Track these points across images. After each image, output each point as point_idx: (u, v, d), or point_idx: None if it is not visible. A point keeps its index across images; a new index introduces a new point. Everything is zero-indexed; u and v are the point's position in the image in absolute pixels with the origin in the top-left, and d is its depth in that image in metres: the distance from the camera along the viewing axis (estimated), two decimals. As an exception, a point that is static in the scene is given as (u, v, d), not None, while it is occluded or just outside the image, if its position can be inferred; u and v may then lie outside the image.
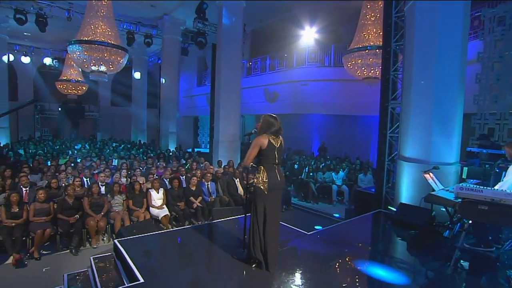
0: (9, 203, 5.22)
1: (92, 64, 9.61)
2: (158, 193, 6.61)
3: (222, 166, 9.06)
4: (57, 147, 12.86)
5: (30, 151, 11.18)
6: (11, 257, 4.90)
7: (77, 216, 5.57)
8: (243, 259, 3.51)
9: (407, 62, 5.55)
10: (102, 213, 5.76)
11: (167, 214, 6.35)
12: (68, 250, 5.39)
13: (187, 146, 16.60)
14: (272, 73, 13.76)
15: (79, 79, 16.36)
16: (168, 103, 14.31)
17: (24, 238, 5.16)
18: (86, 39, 9.29)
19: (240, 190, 7.79)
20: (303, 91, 12.56)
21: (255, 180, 3.39)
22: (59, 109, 18.19)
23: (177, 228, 5.78)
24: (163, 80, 14.22)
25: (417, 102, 5.36)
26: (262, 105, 14.26)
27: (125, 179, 7.56)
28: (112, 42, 9.69)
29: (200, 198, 7.03)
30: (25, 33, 15.07)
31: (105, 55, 9.54)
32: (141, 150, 13.30)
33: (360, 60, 9.29)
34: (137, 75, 17.51)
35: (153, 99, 18.69)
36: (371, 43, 8.91)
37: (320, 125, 14.56)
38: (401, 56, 5.97)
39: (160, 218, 6.26)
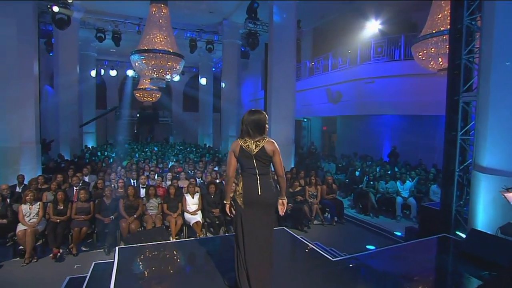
0: (56, 201, 5.61)
1: (151, 72, 10.11)
2: (193, 198, 6.41)
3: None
4: (129, 149, 14.12)
5: (106, 153, 12.46)
6: (55, 250, 5.25)
7: (112, 217, 5.70)
8: (233, 287, 2.92)
9: (486, 41, 4.21)
10: (135, 216, 5.79)
11: (199, 221, 6.10)
12: (102, 249, 5.55)
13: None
14: (335, 71, 12.69)
15: (153, 87, 17.72)
16: (228, 107, 14.41)
17: (66, 234, 5.48)
18: (145, 48, 9.80)
19: (284, 198, 7.12)
20: (368, 90, 11.21)
21: (235, 191, 2.80)
22: (137, 115, 20.12)
23: (189, 239, 5.45)
24: (223, 85, 14.40)
25: (499, 93, 4.01)
26: (325, 107, 13.30)
27: (170, 182, 7.62)
28: (169, 50, 10.07)
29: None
30: (111, 50, 17.02)
31: (161, 62, 9.94)
32: (199, 153, 13.63)
33: (433, 49, 7.73)
34: (203, 81, 18.23)
35: (219, 104, 19.25)
36: (448, 27, 7.30)
37: (392, 127, 12.84)
38: (478, 34, 4.58)
39: (191, 224, 6.05)
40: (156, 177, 7.86)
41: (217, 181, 7.53)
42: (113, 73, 18.64)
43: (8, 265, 4.97)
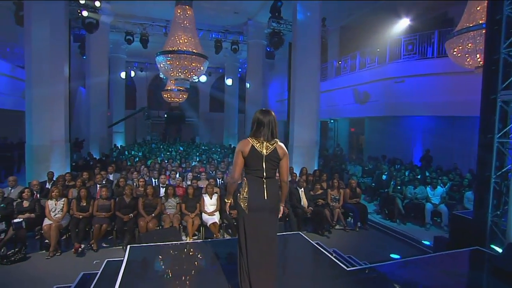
0: (79, 197, 5.80)
1: (175, 73, 10.25)
2: (211, 198, 6.38)
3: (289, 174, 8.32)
4: (155, 149, 14.47)
5: (133, 152, 12.85)
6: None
7: (131, 215, 5.79)
8: (236, 293, 2.79)
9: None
10: (153, 215, 5.84)
11: (216, 222, 6.04)
12: (121, 247, 5.65)
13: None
14: (363, 71, 12.22)
15: (180, 88, 18.05)
16: (253, 108, 14.32)
17: (87, 230, 5.64)
18: (170, 49, 9.96)
19: (304, 202, 6.92)
20: (398, 90, 10.67)
21: (239, 194, 2.67)
22: (165, 115, 20.63)
23: (203, 240, 5.43)
24: (247, 85, 14.35)
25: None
26: (351, 107, 12.85)
27: (190, 182, 7.65)
28: (193, 51, 10.17)
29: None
30: (140, 52, 17.57)
31: (185, 63, 10.05)
32: (223, 154, 13.66)
33: (470, 44, 7.16)
34: (229, 81, 18.32)
35: (244, 104, 19.28)
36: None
37: (424, 129, 12.13)
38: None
39: (208, 225, 6.02)
40: (177, 176, 7.95)
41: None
42: (142, 74, 19.24)
43: (35, 257, 5.21)
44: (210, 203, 6.36)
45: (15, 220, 5.13)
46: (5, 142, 10.76)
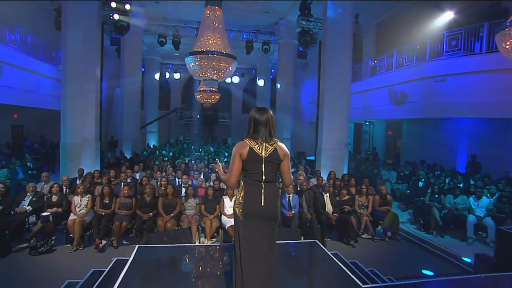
0: (102, 194, 5.95)
1: (204, 73, 10.30)
2: (231, 200, 6.23)
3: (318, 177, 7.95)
4: (186, 149, 14.74)
5: (163, 152, 13.17)
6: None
7: (151, 214, 5.82)
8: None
9: None
10: (172, 215, 5.82)
11: (233, 225, 5.87)
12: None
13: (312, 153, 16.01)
14: (400, 70, 11.44)
15: (213, 89, 18.25)
16: (283, 109, 14.08)
17: (109, 227, 5.76)
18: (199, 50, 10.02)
19: (329, 207, 6.53)
20: (439, 89, 9.81)
21: (234, 199, 2.47)
22: (198, 116, 21.02)
23: (208, 244, 5.30)
24: (278, 86, 14.11)
25: None
26: (387, 109, 12.10)
27: (212, 183, 7.59)
28: (222, 51, 10.15)
29: (277, 211, 6.24)
30: (175, 54, 18.05)
31: (214, 63, 10.05)
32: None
33: (525, 38, 6.34)
34: (260, 82, 18.21)
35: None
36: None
37: (470, 133, 11.05)
38: None
39: (227, 227, 5.88)
40: (201, 177, 7.94)
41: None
42: (176, 76, 19.77)
43: (60, 250, 5.42)
44: (230, 205, 6.20)
45: (43, 214, 5.37)
46: (42, 141, 11.52)
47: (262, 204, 2.37)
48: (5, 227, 5.22)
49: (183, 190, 6.65)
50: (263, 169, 2.38)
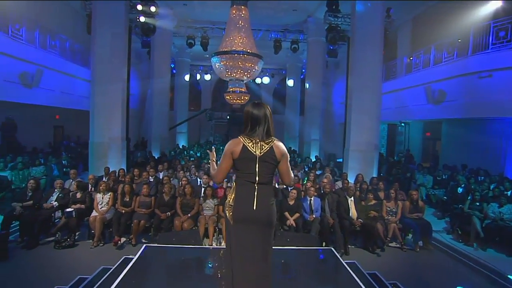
0: (123, 193, 6.07)
1: (229, 73, 10.31)
2: (250, 202, 6.08)
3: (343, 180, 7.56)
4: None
5: (191, 152, 13.35)
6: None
7: (169, 213, 5.83)
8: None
9: None
10: (189, 215, 5.79)
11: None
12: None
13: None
14: (438, 66, 10.60)
15: (242, 90, 18.27)
16: (312, 109, 13.71)
17: (128, 225, 5.85)
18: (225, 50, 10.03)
19: (353, 212, 6.16)
20: (483, 86, 8.93)
21: (225, 201, 2.30)
22: (228, 117, 21.11)
23: (221, 246, 5.08)
24: (307, 85, 13.76)
25: None
26: (424, 108, 11.28)
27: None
28: (248, 51, 10.08)
29: (297, 215, 6.01)
30: (205, 55, 18.33)
31: (239, 63, 10.00)
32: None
33: None
34: (290, 82, 17.89)
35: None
36: None
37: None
38: None
39: (244, 229, 5.72)
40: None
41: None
42: (207, 77, 20.05)
43: (82, 245, 5.60)
44: (248, 206, 6.07)
45: (67, 210, 5.58)
46: (78, 141, 12.16)
47: (254, 208, 2.18)
48: (33, 221, 5.49)
49: (203, 190, 6.60)
50: (257, 169, 2.20)
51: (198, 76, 20.56)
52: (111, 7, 7.56)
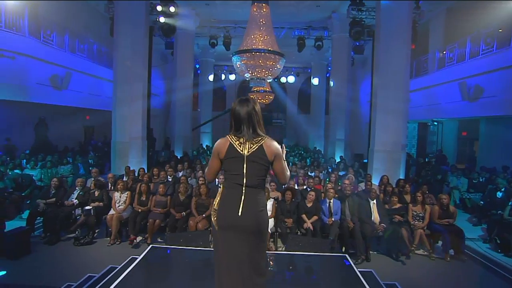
0: (140, 192, 6.12)
1: (250, 72, 10.19)
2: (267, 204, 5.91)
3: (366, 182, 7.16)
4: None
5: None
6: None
7: (184, 213, 5.79)
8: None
9: None
10: (204, 215, 5.71)
11: (266, 229, 5.52)
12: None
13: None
14: (474, 60, 9.82)
15: (267, 89, 18.11)
16: (337, 107, 13.25)
17: (145, 224, 5.89)
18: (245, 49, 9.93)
19: (375, 216, 5.79)
20: (526, 81, 8.15)
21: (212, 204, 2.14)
22: (251, 117, 21.05)
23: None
24: (331, 83, 13.32)
25: None
26: (458, 106, 10.52)
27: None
28: (269, 49, 9.91)
29: (315, 217, 5.75)
30: (230, 55, 18.35)
31: (260, 61, 9.86)
32: (303, 157, 12.98)
33: None
34: (315, 81, 17.47)
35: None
36: None
37: None
38: None
39: (259, 231, 5.56)
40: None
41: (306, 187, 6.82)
42: (232, 77, 20.08)
43: (99, 242, 5.72)
44: (263, 208, 5.90)
45: (86, 207, 5.71)
46: (105, 140, 12.58)
47: (239, 213, 2.00)
48: (55, 218, 5.67)
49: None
50: (245, 170, 2.02)
51: (223, 77, 20.66)
52: (132, 8, 7.71)
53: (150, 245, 3.70)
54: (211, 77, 17.53)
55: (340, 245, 5.69)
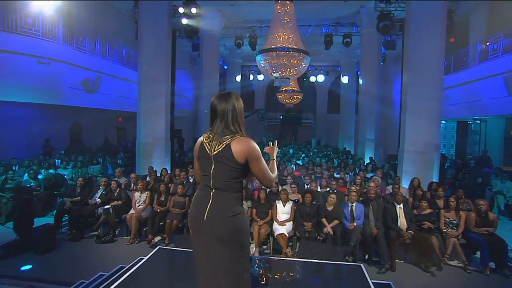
0: (159, 192, 6.18)
1: (275, 71, 10.00)
2: (284, 206, 5.72)
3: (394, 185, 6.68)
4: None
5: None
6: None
7: (199, 214, 5.74)
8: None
9: None
10: (220, 216, 5.62)
11: (284, 233, 5.34)
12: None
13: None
14: (522, 50, 8.89)
15: (295, 88, 17.80)
16: (366, 106, 12.66)
17: (163, 224, 5.93)
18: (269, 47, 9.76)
19: (402, 222, 5.36)
20: None
21: None
22: (281, 117, 20.79)
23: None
24: (360, 81, 12.75)
25: None
26: (504, 102, 9.58)
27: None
28: (293, 47, 9.67)
29: (336, 222, 5.46)
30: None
31: (284, 60, 9.64)
32: (331, 158, 12.52)
33: None
34: (344, 79, 16.86)
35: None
36: None
37: None
38: None
39: (276, 235, 5.38)
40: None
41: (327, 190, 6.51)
42: (260, 77, 20.00)
43: (120, 241, 5.84)
44: (282, 211, 5.71)
45: (105, 206, 5.87)
46: (134, 141, 12.99)
47: (204, 218, 1.86)
48: (80, 216, 5.90)
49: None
50: (211, 170, 1.88)
51: (251, 77, 20.64)
52: (154, 10, 7.88)
53: (158, 247, 3.65)
54: (238, 78, 17.56)
55: (363, 252, 5.34)
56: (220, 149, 1.87)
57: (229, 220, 1.87)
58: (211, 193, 1.90)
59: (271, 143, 2.35)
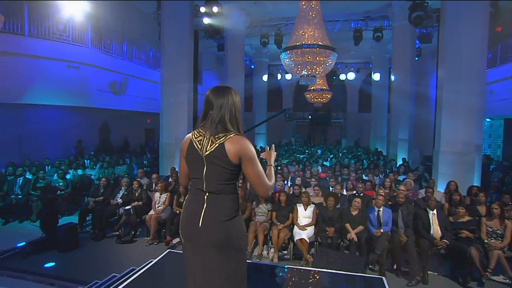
0: (179, 193, 6.14)
1: (300, 69, 9.69)
2: (305, 210, 5.44)
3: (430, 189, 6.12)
4: (289, 151, 14.34)
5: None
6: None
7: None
8: None
9: None
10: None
11: (304, 239, 5.06)
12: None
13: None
14: None
15: (324, 87, 17.30)
16: (398, 104, 11.91)
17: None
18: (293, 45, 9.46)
19: (436, 230, 4.87)
20: None
21: None
22: (309, 117, 20.28)
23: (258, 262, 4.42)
24: (392, 78, 12.03)
25: None
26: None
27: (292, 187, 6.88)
28: (319, 43, 9.30)
29: (360, 228, 5.08)
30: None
31: (309, 57, 9.29)
32: (360, 158, 11.94)
33: None
34: (376, 76, 16.06)
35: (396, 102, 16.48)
36: None
37: None
38: None
39: (296, 240, 5.10)
40: (286, 182, 7.35)
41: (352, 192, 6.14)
42: (288, 76, 19.66)
43: (139, 241, 5.86)
44: (303, 214, 5.44)
45: (126, 207, 5.91)
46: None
47: (200, 224, 1.68)
48: (102, 215, 5.99)
49: (258, 193, 6.20)
50: (204, 172, 1.68)
51: (279, 76, 20.35)
52: (176, 11, 7.90)
53: (168, 250, 3.55)
54: (265, 77, 17.35)
55: (391, 262, 4.91)
56: (212, 149, 1.68)
57: (226, 225, 1.71)
58: (205, 197, 1.72)
59: (268, 148, 2.11)
